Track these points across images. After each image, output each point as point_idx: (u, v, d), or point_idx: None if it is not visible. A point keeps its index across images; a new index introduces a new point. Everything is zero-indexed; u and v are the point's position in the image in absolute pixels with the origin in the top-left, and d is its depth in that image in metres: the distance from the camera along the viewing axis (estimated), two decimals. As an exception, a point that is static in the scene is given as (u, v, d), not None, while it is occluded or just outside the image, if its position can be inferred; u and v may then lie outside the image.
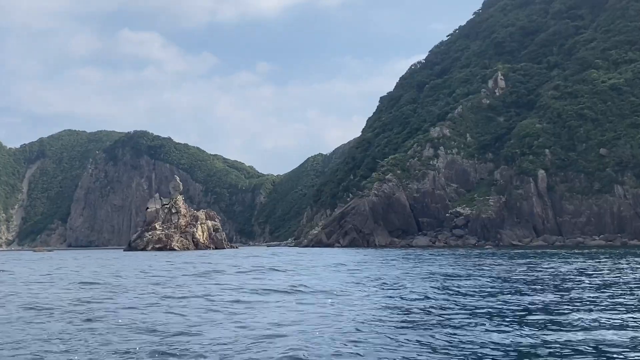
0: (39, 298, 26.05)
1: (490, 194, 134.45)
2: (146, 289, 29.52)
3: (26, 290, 30.28)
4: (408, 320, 18.12)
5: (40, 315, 20.38)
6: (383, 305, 21.61)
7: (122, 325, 17.89)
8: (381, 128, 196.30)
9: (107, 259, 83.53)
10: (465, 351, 13.74)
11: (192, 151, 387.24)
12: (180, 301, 23.89)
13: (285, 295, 25.53)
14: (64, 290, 29.91)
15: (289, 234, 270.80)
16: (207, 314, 19.99)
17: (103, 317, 19.55)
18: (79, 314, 20.40)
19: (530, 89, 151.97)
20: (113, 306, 22.61)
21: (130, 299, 25.28)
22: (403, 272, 39.28)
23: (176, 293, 27.23)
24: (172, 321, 18.43)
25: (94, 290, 29.43)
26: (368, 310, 20.08)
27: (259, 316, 19.44)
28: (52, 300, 24.76)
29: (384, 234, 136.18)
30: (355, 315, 18.91)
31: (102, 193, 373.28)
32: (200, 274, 40.87)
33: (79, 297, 26.23)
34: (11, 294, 28.47)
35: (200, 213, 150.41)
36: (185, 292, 27.92)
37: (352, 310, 20.27)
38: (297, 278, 35.14)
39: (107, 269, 51.73)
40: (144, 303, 23.35)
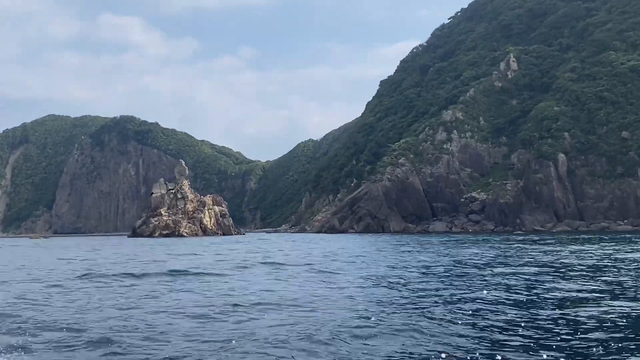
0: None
1: (507, 178, 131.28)
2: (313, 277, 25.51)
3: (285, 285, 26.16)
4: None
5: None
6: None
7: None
8: (384, 112, 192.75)
9: (148, 246, 78.94)
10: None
11: (180, 136, 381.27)
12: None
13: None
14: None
15: (282, 220, 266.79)
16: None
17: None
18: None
19: (544, 72, 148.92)
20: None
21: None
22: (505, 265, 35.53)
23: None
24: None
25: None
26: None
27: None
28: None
29: (397, 219, 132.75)
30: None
31: (89, 179, 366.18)
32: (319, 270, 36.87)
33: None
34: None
35: (207, 198, 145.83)
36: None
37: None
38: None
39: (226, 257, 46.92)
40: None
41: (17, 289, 22.98)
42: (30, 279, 27.44)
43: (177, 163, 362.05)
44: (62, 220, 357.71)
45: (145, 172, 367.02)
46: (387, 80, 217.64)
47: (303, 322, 14.41)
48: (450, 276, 25.35)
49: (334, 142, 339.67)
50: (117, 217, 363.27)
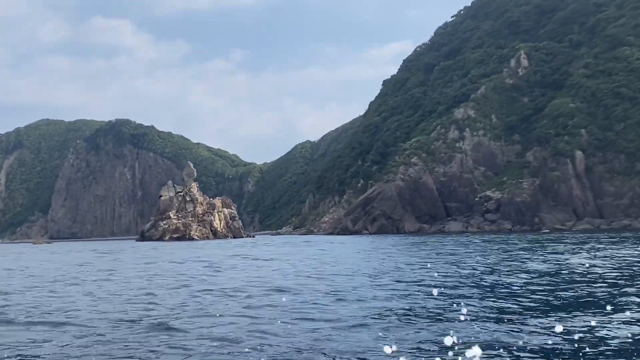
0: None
1: (522, 176, 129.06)
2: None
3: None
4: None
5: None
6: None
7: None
8: (389, 112, 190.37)
9: (169, 252, 76.10)
10: None
11: (176, 139, 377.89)
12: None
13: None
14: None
15: (282, 223, 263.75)
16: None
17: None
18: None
19: (555, 68, 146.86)
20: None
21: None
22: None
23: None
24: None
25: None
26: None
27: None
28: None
29: (411, 219, 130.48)
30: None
31: (84, 183, 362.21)
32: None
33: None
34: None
35: (217, 201, 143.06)
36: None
37: None
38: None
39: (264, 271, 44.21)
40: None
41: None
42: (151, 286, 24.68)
43: (173, 166, 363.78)
44: (58, 225, 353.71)
45: (142, 176, 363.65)
46: (390, 80, 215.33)
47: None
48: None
49: (332, 143, 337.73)
50: (114, 221, 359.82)
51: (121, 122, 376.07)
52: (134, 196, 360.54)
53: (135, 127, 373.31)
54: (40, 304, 19.45)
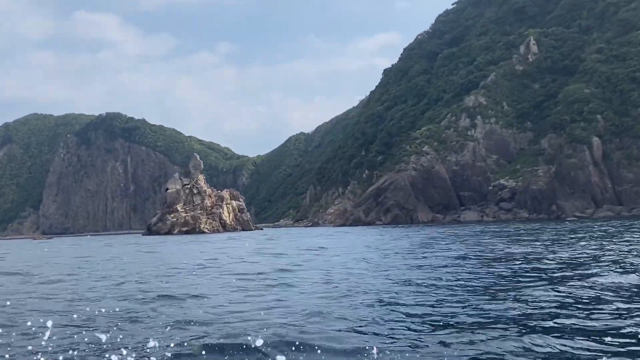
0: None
1: (537, 164, 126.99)
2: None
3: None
4: None
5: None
6: None
7: None
8: (392, 101, 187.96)
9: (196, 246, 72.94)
10: None
11: (168, 133, 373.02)
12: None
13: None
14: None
15: (278, 215, 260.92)
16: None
17: None
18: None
19: (565, 54, 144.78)
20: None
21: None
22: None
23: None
24: None
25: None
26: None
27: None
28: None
29: (425, 209, 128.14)
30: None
31: (76, 178, 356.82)
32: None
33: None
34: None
35: (225, 193, 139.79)
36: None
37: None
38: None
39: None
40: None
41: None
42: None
43: (165, 160, 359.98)
44: (49, 220, 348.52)
45: (134, 170, 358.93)
46: (391, 69, 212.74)
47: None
48: None
49: (326, 135, 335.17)
50: (106, 215, 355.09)
51: (112, 115, 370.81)
52: (127, 190, 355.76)
53: (127, 121, 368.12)
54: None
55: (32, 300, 17.51)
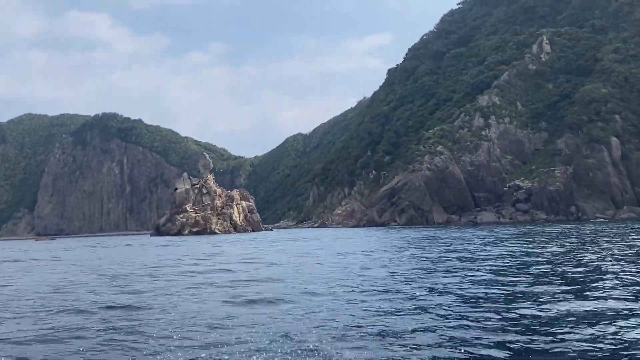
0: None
1: (553, 164, 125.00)
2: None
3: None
4: None
5: None
6: None
7: None
8: (398, 101, 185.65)
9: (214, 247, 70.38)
10: None
11: (165, 133, 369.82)
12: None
13: None
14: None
15: (277, 216, 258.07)
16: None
17: None
18: None
19: (579, 54, 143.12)
20: None
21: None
22: None
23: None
24: None
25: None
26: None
27: None
28: None
29: (439, 210, 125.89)
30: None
31: (71, 179, 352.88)
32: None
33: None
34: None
35: (235, 193, 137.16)
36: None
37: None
38: None
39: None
40: None
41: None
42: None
43: (162, 160, 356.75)
44: (44, 221, 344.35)
45: (130, 170, 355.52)
46: (396, 69, 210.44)
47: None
48: None
49: (324, 136, 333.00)
50: (102, 217, 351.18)
51: (108, 115, 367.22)
52: (123, 191, 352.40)
53: (123, 121, 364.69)
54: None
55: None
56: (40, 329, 14.07)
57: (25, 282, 26.50)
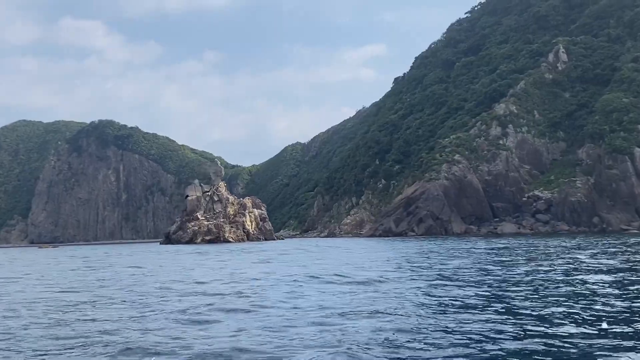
0: None
1: (573, 175, 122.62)
2: None
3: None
4: None
5: None
6: None
7: None
8: (407, 109, 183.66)
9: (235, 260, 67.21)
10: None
11: (162, 141, 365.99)
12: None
13: None
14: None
15: (277, 226, 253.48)
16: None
17: None
18: None
19: (596, 63, 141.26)
20: None
21: None
22: None
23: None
24: None
25: None
26: None
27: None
28: None
29: (457, 220, 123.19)
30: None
31: (66, 186, 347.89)
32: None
33: None
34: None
35: (247, 200, 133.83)
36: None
37: None
38: None
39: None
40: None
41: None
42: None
43: (159, 168, 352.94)
44: (39, 229, 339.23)
45: (126, 178, 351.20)
46: (403, 77, 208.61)
47: None
48: None
49: (323, 145, 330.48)
50: (97, 225, 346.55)
51: (104, 123, 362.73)
52: (119, 199, 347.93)
53: (119, 128, 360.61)
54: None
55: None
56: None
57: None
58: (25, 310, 19.58)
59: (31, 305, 21.07)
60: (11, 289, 28.40)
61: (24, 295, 25.06)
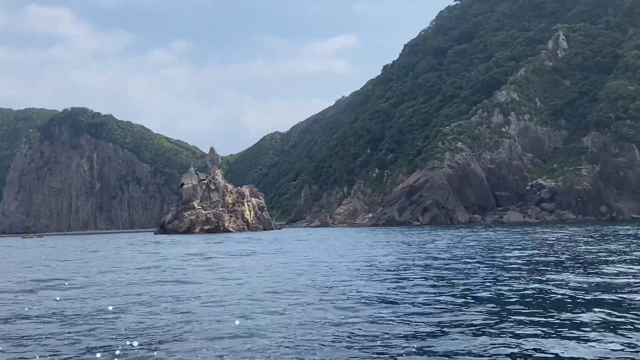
0: None
1: (579, 163, 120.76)
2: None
3: None
4: None
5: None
6: None
7: None
8: (399, 98, 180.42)
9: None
10: None
11: (137, 129, 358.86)
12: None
13: None
14: None
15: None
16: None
17: None
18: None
19: (596, 50, 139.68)
20: None
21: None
22: None
23: None
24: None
25: None
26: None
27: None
28: None
29: (461, 209, 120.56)
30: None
31: (39, 175, 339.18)
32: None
33: None
34: None
35: (245, 189, 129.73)
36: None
37: None
38: None
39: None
40: None
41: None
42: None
43: (134, 157, 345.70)
44: (10, 219, 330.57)
45: (100, 167, 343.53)
46: (393, 65, 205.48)
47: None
48: None
49: (303, 134, 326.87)
50: (71, 215, 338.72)
51: (77, 110, 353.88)
52: (92, 189, 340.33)
53: (93, 116, 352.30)
54: None
55: None
56: None
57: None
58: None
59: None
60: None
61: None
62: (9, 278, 26.77)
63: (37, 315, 15.31)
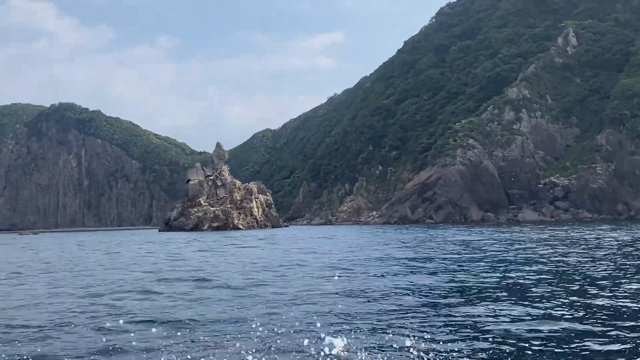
0: None
1: (592, 161, 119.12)
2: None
3: None
4: None
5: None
6: None
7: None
8: (402, 94, 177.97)
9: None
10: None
11: (125, 125, 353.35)
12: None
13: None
14: None
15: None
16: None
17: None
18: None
19: (606, 48, 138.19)
20: None
21: None
22: None
23: None
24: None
25: None
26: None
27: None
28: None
29: (474, 207, 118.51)
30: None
31: (25, 171, 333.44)
32: None
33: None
34: None
35: (253, 186, 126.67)
36: None
37: None
38: None
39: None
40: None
41: None
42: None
43: (123, 154, 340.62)
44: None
45: (88, 164, 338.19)
46: (393, 62, 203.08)
47: None
48: None
49: (295, 132, 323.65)
50: (58, 211, 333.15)
51: (65, 106, 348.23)
52: (80, 185, 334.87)
53: (81, 112, 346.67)
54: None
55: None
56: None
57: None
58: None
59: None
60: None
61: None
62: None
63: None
